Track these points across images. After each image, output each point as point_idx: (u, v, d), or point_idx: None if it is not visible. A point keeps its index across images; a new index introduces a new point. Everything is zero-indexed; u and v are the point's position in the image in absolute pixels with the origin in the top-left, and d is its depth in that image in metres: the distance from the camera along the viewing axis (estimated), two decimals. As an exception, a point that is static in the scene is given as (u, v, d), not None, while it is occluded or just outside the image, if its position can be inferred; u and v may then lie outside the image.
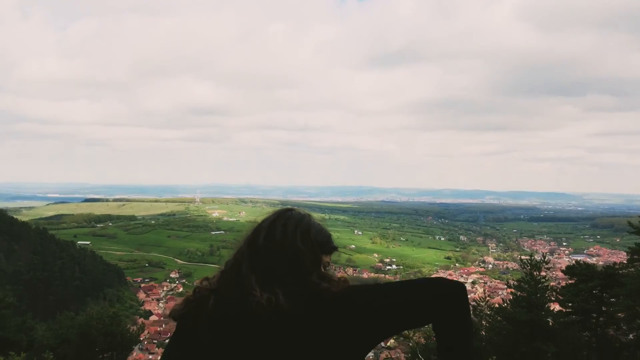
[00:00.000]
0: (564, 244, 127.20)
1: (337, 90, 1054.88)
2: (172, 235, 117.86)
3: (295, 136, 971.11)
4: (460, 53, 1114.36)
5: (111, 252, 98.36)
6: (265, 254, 1.31)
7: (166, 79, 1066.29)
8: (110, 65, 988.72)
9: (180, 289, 78.24)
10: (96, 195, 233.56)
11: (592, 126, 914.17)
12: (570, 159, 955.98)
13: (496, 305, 17.13)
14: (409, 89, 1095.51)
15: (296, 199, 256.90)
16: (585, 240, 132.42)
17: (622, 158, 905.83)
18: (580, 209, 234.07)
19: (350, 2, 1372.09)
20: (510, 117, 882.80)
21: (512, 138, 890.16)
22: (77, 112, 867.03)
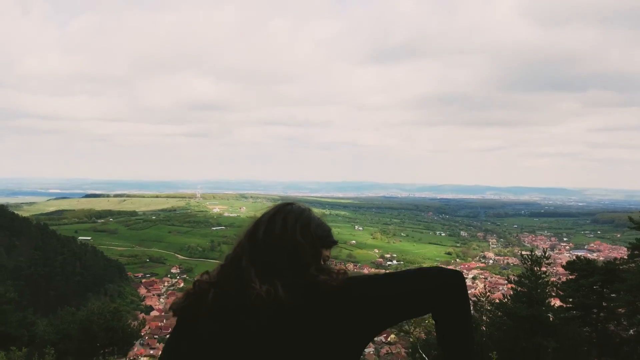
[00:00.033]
0: (565, 239, 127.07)
1: (338, 85, 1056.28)
2: (173, 230, 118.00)
3: (295, 131, 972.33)
4: (461, 48, 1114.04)
5: (112, 248, 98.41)
6: (265, 247, 1.31)
7: (167, 74, 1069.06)
8: (111, 60, 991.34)
9: (181, 285, 78.18)
10: (97, 191, 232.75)
11: (593, 121, 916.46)
12: (571, 155, 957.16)
13: (497, 300, 17.17)
14: (410, 84, 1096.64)
15: (297, 194, 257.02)
16: (585, 236, 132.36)
17: (623, 153, 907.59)
18: (581, 204, 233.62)
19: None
20: (511, 113, 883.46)
21: (513, 133, 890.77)
22: (78, 108, 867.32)
